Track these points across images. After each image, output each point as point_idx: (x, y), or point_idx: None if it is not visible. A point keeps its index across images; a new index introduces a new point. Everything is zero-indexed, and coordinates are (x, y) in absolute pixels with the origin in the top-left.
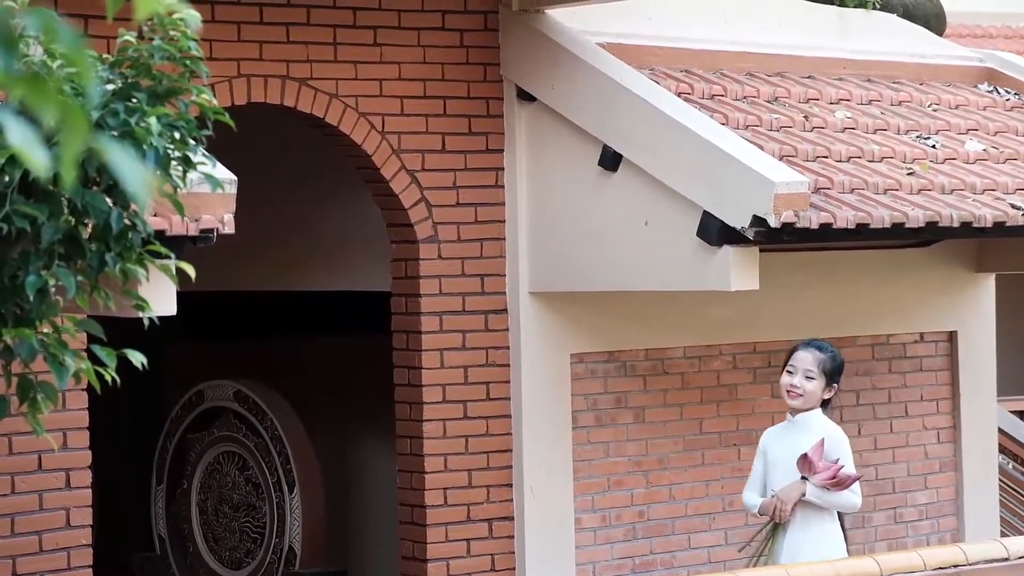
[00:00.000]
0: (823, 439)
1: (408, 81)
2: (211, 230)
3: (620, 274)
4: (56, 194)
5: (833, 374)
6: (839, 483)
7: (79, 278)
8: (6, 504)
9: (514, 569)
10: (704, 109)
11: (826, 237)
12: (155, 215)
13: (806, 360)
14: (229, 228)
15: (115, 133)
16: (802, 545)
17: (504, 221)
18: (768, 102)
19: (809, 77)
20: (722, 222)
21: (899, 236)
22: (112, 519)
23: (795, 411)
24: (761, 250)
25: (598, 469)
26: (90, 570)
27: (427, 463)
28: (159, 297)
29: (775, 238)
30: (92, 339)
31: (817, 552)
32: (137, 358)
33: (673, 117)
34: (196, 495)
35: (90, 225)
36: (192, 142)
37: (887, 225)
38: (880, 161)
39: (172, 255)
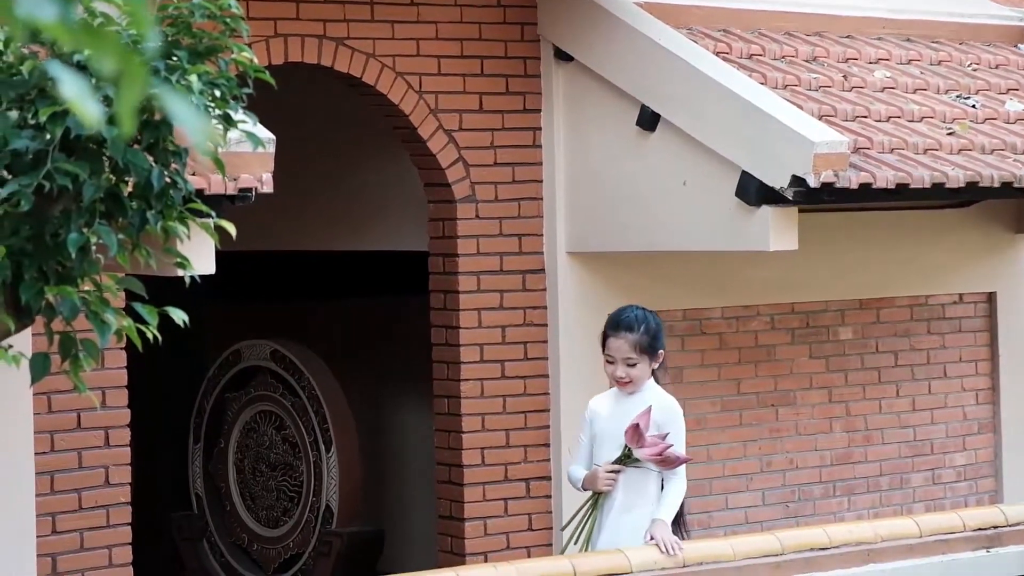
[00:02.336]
0: (651, 407)
1: (445, 40)
2: (249, 189)
3: (658, 234)
4: (97, 152)
5: (654, 346)
6: (665, 461)
7: (120, 236)
8: (45, 462)
9: (551, 528)
10: (742, 69)
11: (865, 197)
12: (193, 174)
13: (621, 348)
14: (268, 187)
15: (155, 91)
16: (619, 528)
17: (542, 181)
18: (807, 62)
19: (848, 37)
20: (761, 182)
21: (939, 196)
22: (149, 478)
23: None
24: (800, 210)
25: None
26: (129, 528)
27: (464, 423)
28: (198, 256)
29: (814, 198)
30: (131, 298)
31: (638, 536)
32: (179, 315)
33: (712, 77)
34: (233, 454)
35: (131, 183)
36: (232, 100)
37: (927, 185)
38: (920, 121)
39: (213, 213)
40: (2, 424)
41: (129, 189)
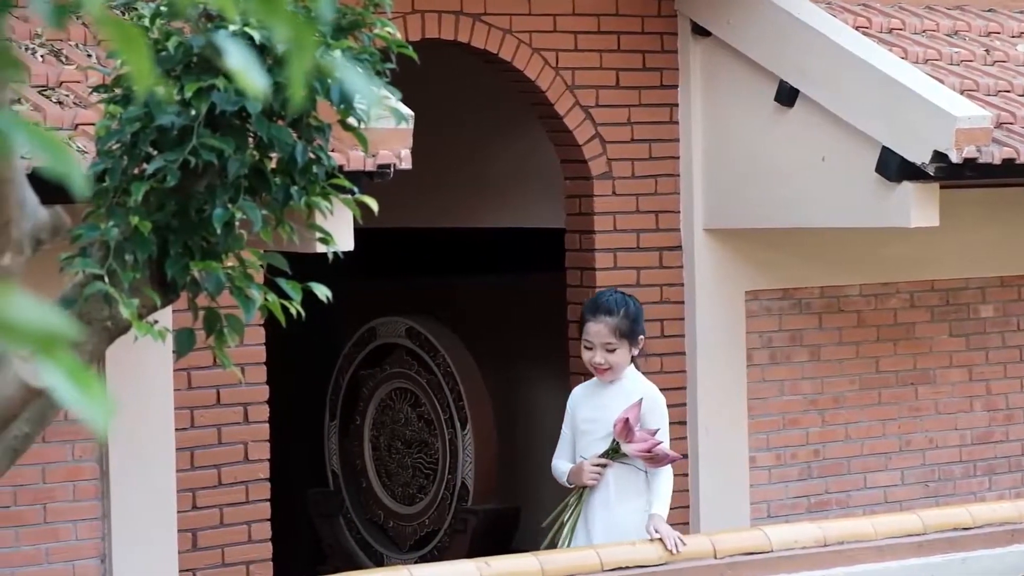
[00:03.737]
0: (641, 400)
1: (582, 16)
2: (388, 165)
3: (796, 211)
4: (242, 127)
5: (634, 331)
6: (654, 459)
7: (264, 212)
8: (185, 437)
9: (688, 507)
10: (882, 43)
11: (1008, 173)
12: (332, 151)
13: (600, 333)
14: (406, 164)
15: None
16: (608, 523)
17: (679, 157)
18: (948, 36)
19: (990, 10)
20: (902, 158)
21: None
22: (286, 454)
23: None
24: (940, 186)
25: (773, 407)
26: (268, 504)
27: None
28: (338, 232)
29: (956, 174)
30: (272, 274)
31: (628, 530)
32: (322, 291)
33: (851, 51)
34: (369, 431)
35: (275, 158)
36: (376, 76)
37: None
38: None
39: (355, 189)
40: (144, 400)
41: (273, 165)
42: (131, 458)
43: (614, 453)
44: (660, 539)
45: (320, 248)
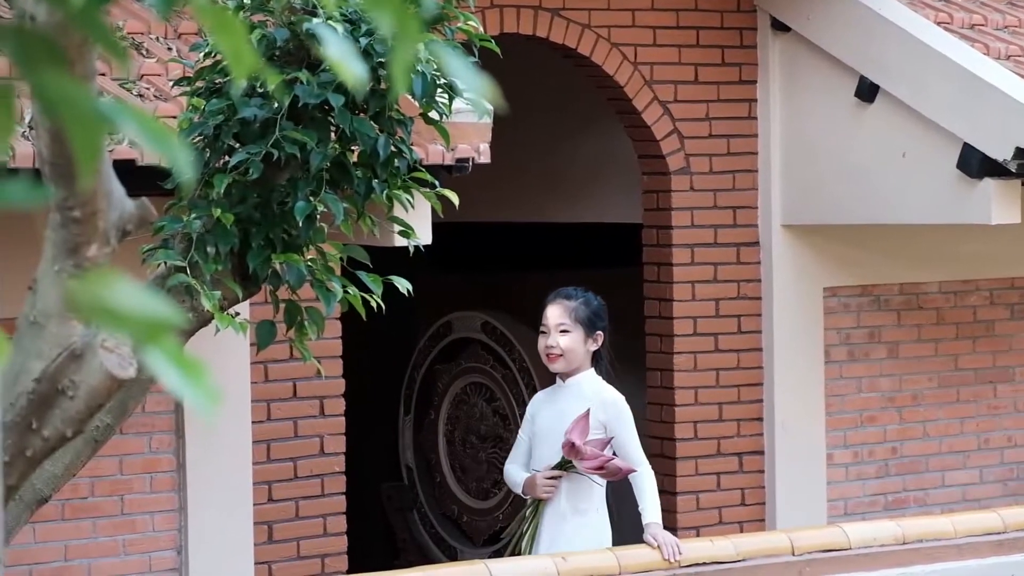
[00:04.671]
0: (588, 411)
1: (661, 11)
2: (467, 159)
3: (876, 207)
4: (324, 120)
5: (592, 321)
6: (607, 473)
7: (345, 204)
8: (262, 431)
9: (764, 504)
10: (964, 39)
11: None
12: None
13: (555, 314)
14: (484, 158)
15: (383, 60)
16: (559, 535)
17: (757, 153)
18: None
19: None
20: (983, 154)
21: None
22: (360, 448)
23: (563, 375)
24: (1022, 183)
25: (851, 404)
26: (343, 497)
27: (677, 396)
28: (416, 225)
29: None
30: (351, 267)
31: (575, 545)
32: (403, 284)
33: (933, 47)
34: (443, 425)
35: (357, 151)
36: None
37: None
38: None
39: (436, 183)
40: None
41: (355, 158)
42: (208, 450)
43: (567, 464)
44: (659, 547)
45: (399, 241)
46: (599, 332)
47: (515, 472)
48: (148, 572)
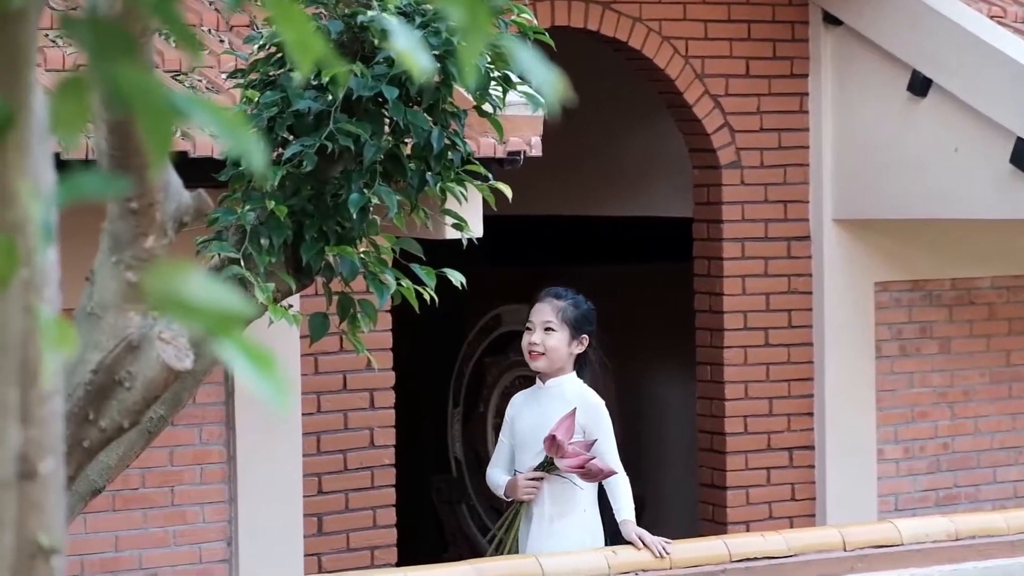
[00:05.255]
0: (574, 410)
1: (712, 5)
2: (519, 152)
3: (928, 202)
4: (378, 113)
5: (579, 323)
6: (588, 474)
7: (399, 197)
8: (312, 423)
9: (814, 499)
10: (1018, 33)
11: None
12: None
13: (543, 311)
14: (536, 151)
15: (437, 52)
16: (545, 538)
17: (808, 147)
18: None
19: None
20: None
21: None
22: (409, 440)
23: (544, 375)
24: None
25: (901, 400)
26: (393, 489)
27: (727, 390)
28: (468, 218)
29: None
30: (403, 259)
31: (565, 546)
32: (456, 277)
33: (986, 41)
34: (492, 419)
35: (410, 144)
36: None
37: None
38: None
39: (489, 176)
40: None
41: (408, 150)
42: (258, 442)
43: (549, 466)
44: (646, 546)
45: (452, 234)
46: (585, 336)
47: (497, 475)
48: (198, 563)
